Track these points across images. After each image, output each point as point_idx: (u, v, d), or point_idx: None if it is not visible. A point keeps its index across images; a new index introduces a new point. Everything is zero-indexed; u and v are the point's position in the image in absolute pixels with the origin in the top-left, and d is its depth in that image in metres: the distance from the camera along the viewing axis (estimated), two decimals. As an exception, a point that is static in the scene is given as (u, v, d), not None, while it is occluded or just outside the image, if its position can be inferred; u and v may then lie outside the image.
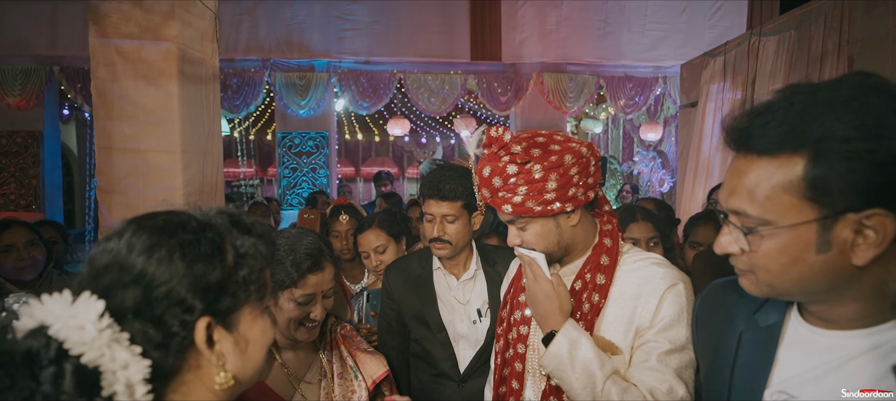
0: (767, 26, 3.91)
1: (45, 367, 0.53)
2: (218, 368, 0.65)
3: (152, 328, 0.60)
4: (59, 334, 0.54)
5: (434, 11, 6.34)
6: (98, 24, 2.53)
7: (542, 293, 1.13)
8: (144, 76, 2.57)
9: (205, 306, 0.63)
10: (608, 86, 6.68)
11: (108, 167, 2.60)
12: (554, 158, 1.10)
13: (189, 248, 0.63)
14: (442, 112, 6.66)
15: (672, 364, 1.07)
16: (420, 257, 1.86)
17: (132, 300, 0.60)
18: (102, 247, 0.63)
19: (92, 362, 0.54)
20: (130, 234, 0.63)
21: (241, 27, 6.06)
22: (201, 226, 0.66)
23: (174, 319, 0.61)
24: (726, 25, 6.35)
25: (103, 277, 0.61)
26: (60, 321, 0.54)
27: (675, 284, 1.12)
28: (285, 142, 6.65)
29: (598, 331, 1.15)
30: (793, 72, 3.55)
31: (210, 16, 2.92)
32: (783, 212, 0.70)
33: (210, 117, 2.96)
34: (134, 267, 0.61)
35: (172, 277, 0.61)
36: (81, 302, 0.56)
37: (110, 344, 0.56)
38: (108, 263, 0.62)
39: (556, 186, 1.11)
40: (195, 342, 0.63)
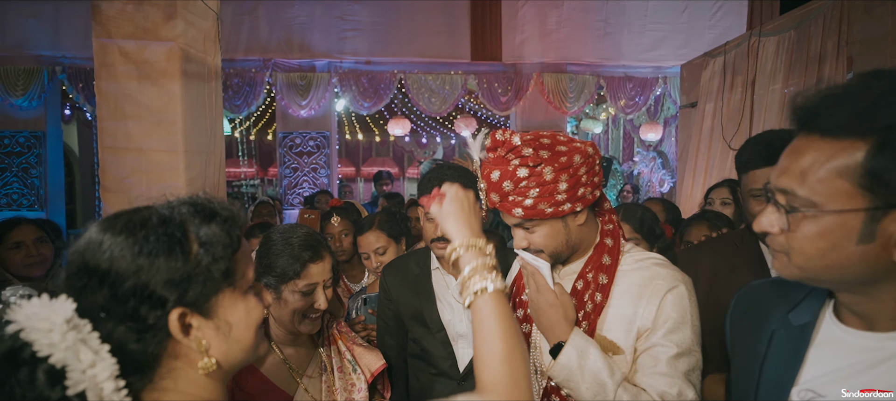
0: (767, 27, 3.92)
1: (19, 368, 0.56)
2: (200, 354, 0.67)
3: (125, 325, 0.63)
4: (29, 337, 0.57)
5: (435, 12, 6.35)
6: (101, 24, 2.55)
7: (547, 304, 1.13)
8: (147, 76, 2.59)
9: (176, 297, 0.65)
10: (608, 86, 6.69)
11: (112, 167, 2.61)
12: (564, 160, 1.10)
13: (150, 243, 0.64)
14: (442, 112, 6.68)
15: (681, 368, 1.08)
16: (418, 257, 1.87)
17: (102, 300, 0.62)
18: (72, 250, 0.66)
19: (59, 363, 0.56)
20: (94, 236, 0.65)
21: (242, 27, 6.07)
22: (162, 220, 0.67)
23: (147, 313, 0.63)
24: (726, 26, 6.36)
25: (76, 281, 0.64)
26: (31, 324, 0.57)
27: (676, 286, 1.12)
28: (286, 142, 6.67)
29: (600, 330, 1.15)
30: (792, 72, 3.57)
31: (212, 16, 2.94)
32: (832, 196, 0.68)
33: (212, 117, 2.98)
34: (99, 268, 0.63)
35: (137, 273, 0.63)
36: (56, 305, 0.58)
37: (75, 345, 0.58)
38: (78, 266, 0.64)
39: (567, 186, 1.10)
40: (171, 332, 0.65)
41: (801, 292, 0.86)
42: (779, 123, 3.59)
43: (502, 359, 0.79)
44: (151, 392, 0.66)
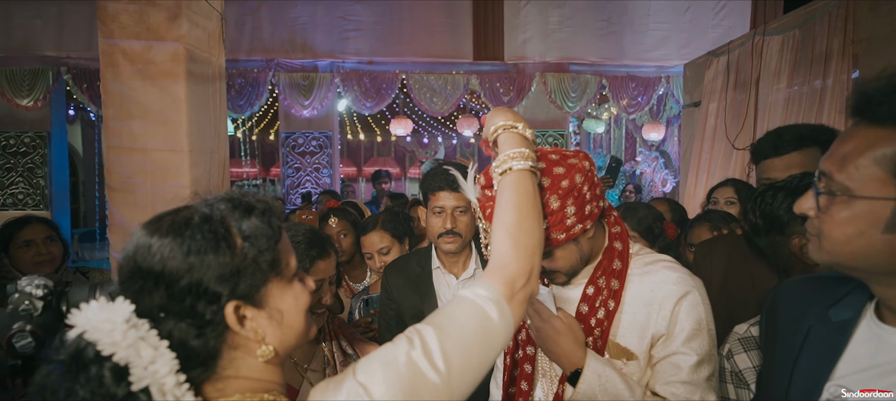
0: (771, 26, 3.91)
1: (87, 368, 0.59)
2: (257, 342, 0.70)
3: (185, 322, 0.65)
4: (93, 338, 0.60)
5: (437, 11, 6.35)
6: (107, 25, 2.56)
7: (555, 331, 1.11)
8: (152, 77, 2.60)
9: (229, 291, 0.67)
10: (611, 86, 6.68)
11: (118, 166, 2.63)
12: (566, 184, 1.05)
13: (197, 242, 0.66)
14: (444, 112, 6.68)
15: (703, 375, 1.08)
16: (419, 257, 1.87)
17: (159, 300, 0.65)
18: (123, 256, 0.68)
19: (122, 361, 0.60)
20: (142, 240, 0.67)
21: (246, 28, 6.09)
22: (204, 218, 0.69)
23: (204, 309, 0.66)
24: (729, 25, 6.34)
25: (132, 284, 0.66)
26: (93, 325, 0.60)
27: (689, 292, 1.11)
28: (289, 142, 6.68)
29: (613, 336, 1.14)
30: (797, 71, 3.56)
31: (216, 16, 2.95)
32: (866, 183, 0.69)
33: (216, 117, 2.99)
34: (153, 270, 0.65)
35: (188, 272, 0.65)
36: (112, 307, 0.61)
37: (136, 343, 0.61)
38: (131, 270, 0.66)
39: (575, 209, 1.06)
40: (229, 325, 0.68)
41: (843, 289, 0.86)
42: (783, 121, 3.58)
43: (509, 230, 0.84)
44: (216, 382, 0.69)
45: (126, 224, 2.63)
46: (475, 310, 0.75)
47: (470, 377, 0.71)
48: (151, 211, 2.31)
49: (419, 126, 10.40)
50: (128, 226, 2.63)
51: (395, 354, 0.69)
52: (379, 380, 0.66)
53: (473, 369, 0.72)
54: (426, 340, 0.70)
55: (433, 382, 0.67)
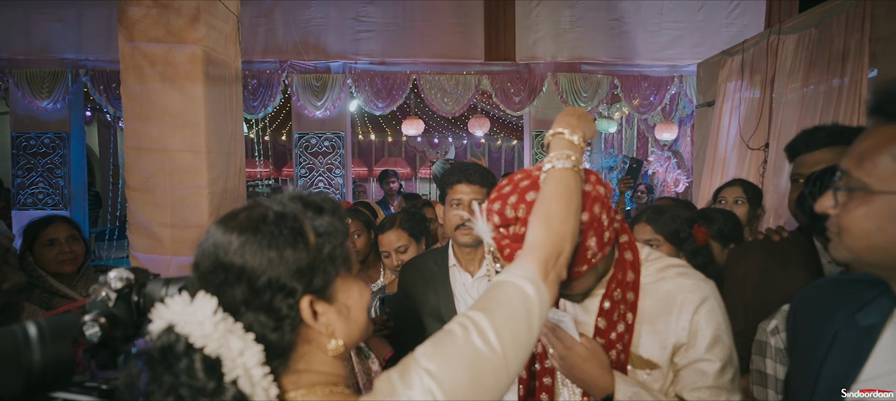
0: (787, 24, 3.87)
1: (179, 360, 0.61)
2: (328, 337, 0.73)
3: (264, 315, 0.68)
4: (184, 331, 0.62)
5: (448, 12, 6.37)
6: (127, 28, 2.61)
7: (581, 358, 1.10)
8: (171, 79, 2.65)
9: (303, 285, 0.70)
10: (623, 85, 6.64)
11: (137, 167, 2.68)
12: (586, 217, 1.02)
13: (275, 238, 0.69)
14: (455, 113, 6.69)
15: (727, 378, 1.11)
16: (436, 255, 1.88)
17: (241, 295, 0.67)
18: (202, 252, 0.71)
19: (214, 353, 0.62)
20: (220, 236, 0.70)
21: (259, 30, 6.16)
22: (279, 216, 0.72)
23: (281, 303, 0.68)
24: (743, 24, 6.28)
25: (212, 279, 0.68)
26: (183, 319, 0.62)
27: (706, 299, 1.13)
28: (302, 142, 6.74)
29: (635, 348, 1.15)
30: (813, 70, 3.52)
31: (233, 19, 3.00)
32: (883, 178, 0.70)
33: (233, 118, 3.03)
34: (234, 265, 0.68)
35: (269, 267, 0.68)
36: (198, 301, 0.64)
37: (226, 335, 0.63)
38: (211, 266, 0.69)
39: (596, 241, 1.05)
40: (304, 319, 0.71)
41: (871, 293, 0.86)
42: (799, 121, 3.54)
43: (544, 216, 0.88)
44: (289, 375, 0.72)
45: (146, 224, 2.68)
46: (515, 289, 0.78)
47: (521, 353, 0.75)
48: (170, 211, 2.37)
49: (430, 127, 10.42)
50: (148, 226, 2.68)
51: (454, 339, 0.72)
52: (445, 366, 0.69)
53: (522, 344, 0.76)
54: (479, 323, 0.73)
55: (492, 360, 0.71)
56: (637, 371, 1.15)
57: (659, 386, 1.15)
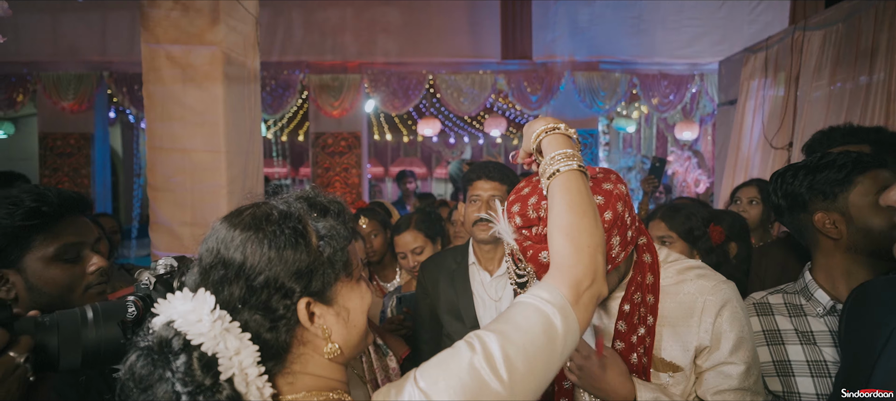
0: (812, 20, 3.77)
1: (177, 356, 0.60)
2: (324, 340, 0.71)
3: (260, 314, 0.67)
4: (181, 328, 0.61)
5: (464, 11, 6.36)
6: (150, 30, 2.66)
7: (599, 368, 1.10)
8: (192, 79, 2.69)
9: (302, 287, 0.69)
10: (642, 84, 6.55)
11: (159, 166, 2.73)
12: (609, 216, 1.01)
13: (276, 238, 0.68)
14: (472, 112, 6.68)
15: (751, 379, 1.11)
16: (455, 253, 1.89)
17: (238, 293, 0.67)
18: (205, 247, 0.70)
19: (210, 351, 0.61)
20: (223, 232, 0.69)
21: (278, 31, 6.23)
22: (283, 215, 0.71)
23: (278, 303, 0.67)
24: (767, 20, 6.14)
25: (211, 275, 0.68)
26: (182, 316, 0.62)
27: (728, 301, 1.12)
28: (319, 142, 6.80)
29: (658, 352, 1.14)
30: (839, 67, 3.41)
31: (251, 20, 3.03)
32: None
33: (251, 118, 3.07)
34: (234, 262, 0.67)
35: (267, 266, 0.67)
36: (197, 298, 0.63)
37: (223, 334, 0.62)
38: (211, 262, 0.68)
39: (620, 239, 1.05)
40: (300, 321, 0.69)
41: None
42: (825, 119, 3.44)
43: (566, 231, 0.81)
44: (284, 377, 0.70)
45: (167, 223, 2.73)
46: (538, 316, 0.72)
47: (533, 386, 0.68)
48: (191, 210, 2.41)
49: (446, 126, 10.42)
50: (169, 224, 2.73)
51: (458, 360, 0.67)
52: (441, 387, 0.65)
53: (538, 377, 0.69)
54: (488, 346, 0.67)
55: (495, 390, 0.65)
56: (660, 374, 1.14)
57: (681, 389, 1.13)
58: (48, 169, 6.48)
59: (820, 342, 1.20)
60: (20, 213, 1.01)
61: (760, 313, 1.30)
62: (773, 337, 1.26)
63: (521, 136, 8.96)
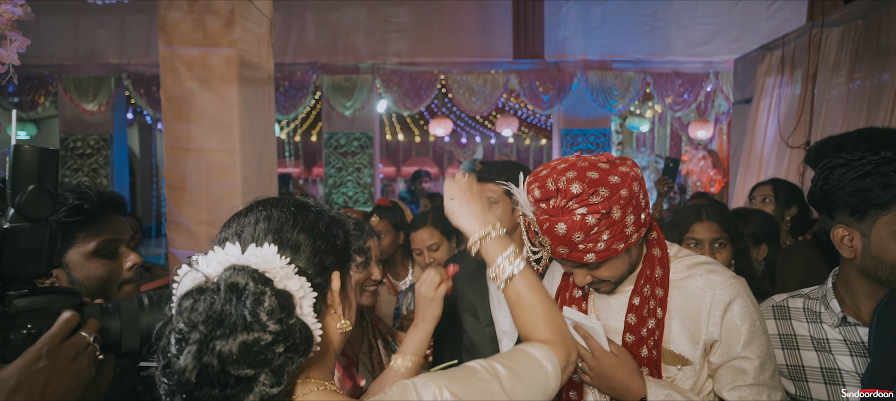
0: (831, 16, 3.70)
1: (250, 294, 0.65)
2: (339, 316, 0.80)
3: (305, 279, 0.74)
4: (259, 267, 0.68)
5: (476, 11, 6.37)
6: (167, 33, 2.71)
7: (610, 367, 1.11)
8: (208, 81, 2.73)
9: (334, 264, 0.79)
10: (655, 83, 6.49)
11: (175, 166, 2.78)
12: (625, 193, 1.04)
13: (320, 220, 0.80)
14: (484, 112, 6.68)
15: (767, 374, 1.10)
16: None
17: (289, 257, 0.74)
18: (256, 217, 0.77)
19: (283, 288, 0.68)
20: (277, 212, 0.78)
21: (291, 32, 6.30)
22: (318, 205, 0.83)
23: (318, 275, 0.77)
24: (784, 17, 6.04)
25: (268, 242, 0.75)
26: (258, 257, 0.70)
27: (737, 296, 1.12)
28: (331, 142, 6.86)
29: (667, 345, 1.15)
30: (859, 64, 3.35)
31: (266, 22, 3.07)
32: None
33: (265, 119, 3.11)
34: (289, 237, 0.76)
35: (313, 241, 0.77)
36: (266, 248, 0.72)
37: (290, 276, 0.71)
38: (267, 230, 0.76)
39: (635, 219, 1.07)
40: (331, 289, 0.78)
41: None
42: (844, 117, 3.38)
43: (547, 319, 0.93)
44: None
45: (184, 222, 2.78)
46: (538, 367, 0.86)
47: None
48: (206, 209, 2.47)
49: (458, 126, 10.43)
50: (186, 223, 2.78)
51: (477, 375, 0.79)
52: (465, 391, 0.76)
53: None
54: (500, 374, 0.81)
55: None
56: (669, 367, 1.15)
57: (691, 383, 1.13)
58: (68, 170, 6.63)
59: (835, 351, 1.17)
60: (64, 210, 1.06)
61: (778, 317, 1.29)
62: (788, 341, 1.25)
63: (533, 136, 8.94)
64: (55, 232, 0.81)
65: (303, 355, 0.67)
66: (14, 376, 0.72)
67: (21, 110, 6.44)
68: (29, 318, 0.77)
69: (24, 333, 0.76)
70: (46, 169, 0.78)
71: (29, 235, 0.78)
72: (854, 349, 1.15)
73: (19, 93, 6.37)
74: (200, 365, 0.61)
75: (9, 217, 0.77)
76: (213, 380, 0.61)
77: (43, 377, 0.73)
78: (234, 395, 0.63)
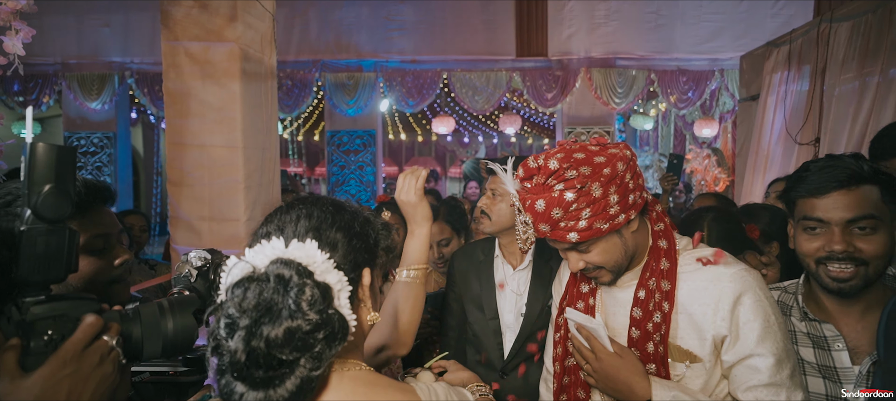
0: (840, 11, 3.66)
1: (294, 285, 0.69)
2: (368, 309, 0.84)
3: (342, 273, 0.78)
4: (302, 261, 0.72)
5: (479, 9, 6.34)
6: (170, 28, 2.69)
7: (613, 367, 1.09)
8: (210, 76, 2.71)
9: (365, 261, 0.83)
10: (660, 80, 6.45)
11: (178, 161, 2.76)
12: (607, 171, 1.05)
13: (355, 220, 0.84)
14: (487, 110, 6.66)
15: (785, 373, 1.04)
16: (484, 245, 1.91)
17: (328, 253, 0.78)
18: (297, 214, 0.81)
19: (324, 281, 0.72)
20: (317, 211, 0.82)
21: (294, 30, 6.29)
22: (351, 206, 0.87)
23: (352, 270, 0.80)
24: (790, 13, 5.99)
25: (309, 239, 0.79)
26: (301, 251, 0.73)
27: (748, 289, 1.07)
28: (334, 140, 6.85)
29: (674, 339, 1.11)
30: (869, 59, 3.31)
31: (269, 18, 3.05)
32: None
33: (268, 114, 3.09)
34: (328, 235, 0.80)
35: (349, 239, 0.81)
36: (307, 244, 0.75)
37: (330, 270, 0.74)
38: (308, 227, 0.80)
39: (618, 198, 1.06)
40: (362, 284, 0.82)
41: None
42: (854, 114, 3.34)
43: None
44: None
45: (186, 217, 2.76)
46: None
47: None
48: (209, 205, 2.47)
49: (460, 125, 10.41)
50: (188, 219, 2.76)
51: None
52: None
53: None
54: None
55: None
56: (677, 364, 1.11)
57: (701, 383, 1.09)
58: (72, 168, 6.65)
59: (800, 343, 1.20)
60: None
61: None
62: None
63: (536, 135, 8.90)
64: (74, 234, 0.78)
65: (340, 343, 0.70)
66: (38, 384, 0.69)
67: (26, 108, 6.46)
68: (48, 324, 0.74)
69: (44, 339, 0.73)
70: (64, 167, 0.74)
71: (47, 238, 0.74)
72: (816, 342, 1.17)
73: (24, 91, 6.38)
74: (249, 348, 0.65)
75: (25, 219, 0.73)
76: (261, 362, 0.66)
77: (68, 385, 0.71)
78: (278, 376, 0.67)
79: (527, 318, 1.71)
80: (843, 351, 1.12)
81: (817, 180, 1.11)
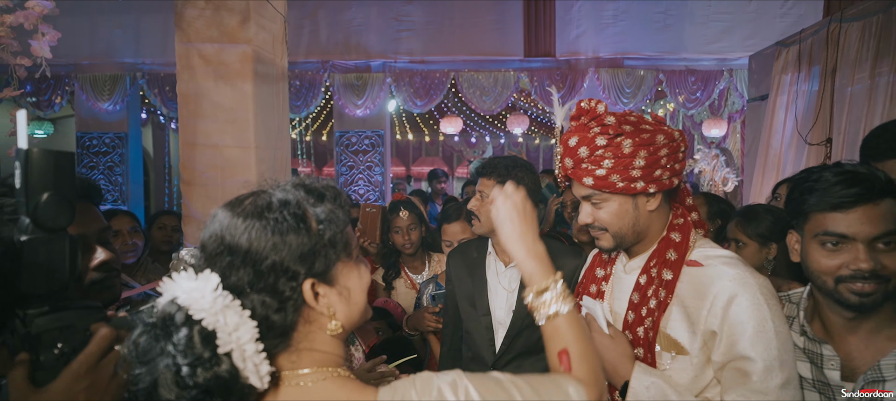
0: (850, 11, 3.64)
1: (178, 330, 0.63)
2: (329, 317, 0.76)
3: (268, 296, 0.70)
4: (184, 302, 0.65)
5: (487, 9, 6.35)
6: (183, 30, 2.73)
7: (603, 347, 1.13)
8: (223, 77, 2.75)
9: (306, 269, 0.73)
10: (668, 80, 6.43)
11: (191, 162, 2.80)
12: (646, 135, 1.08)
13: (279, 224, 0.71)
14: (494, 110, 6.66)
15: (773, 383, 0.99)
16: (478, 243, 1.95)
17: (247, 277, 0.70)
18: (209, 234, 0.73)
19: (210, 326, 0.64)
20: (227, 220, 0.73)
21: (303, 31, 6.33)
22: (283, 203, 0.74)
23: (285, 285, 0.71)
24: (800, 13, 5.95)
25: (219, 261, 0.71)
26: (186, 293, 0.65)
27: (747, 290, 1.04)
28: (343, 140, 6.88)
29: (664, 328, 1.12)
30: (881, 59, 3.29)
31: (280, 19, 3.09)
32: None
33: (279, 115, 3.13)
34: (241, 247, 0.70)
35: (273, 251, 0.70)
36: (202, 277, 0.67)
37: (223, 310, 0.65)
38: (217, 249, 0.71)
39: (644, 163, 1.08)
40: (306, 301, 0.73)
41: None
42: (865, 114, 3.32)
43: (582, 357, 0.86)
44: (291, 354, 0.75)
45: (199, 217, 2.80)
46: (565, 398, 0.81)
47: None
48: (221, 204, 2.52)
49: (468, 125, 10.41)
50: (201, 218, 2.80)
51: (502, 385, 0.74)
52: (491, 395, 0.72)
53: None
54: (523, 390, 0.76)
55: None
56: (663, 353, 1.11)
57: (687, 378, 1.07)
58: (85, 168, 6.73)
59: (797, 358, 1.14)
60: None
61: None
62: None
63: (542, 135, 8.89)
64: (76, 242, 0.75)
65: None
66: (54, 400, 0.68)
67: (38, 109, 6.55)
68: (56, 336, 0.72)
69: (55, 353, 0.71)
70: (62, 174, 0.71)
71: (49, 247, 0.71)
72: (812, 359, 1.11)
73: (36, 92, 6.47)
74: None
75: (24, 228, 0.70)
76: None
77: (84, 398, 0.70)
78: None
79: (517, 314, 1.73)
80: (835, 371, 1.07)
81: (841, 194, 1.02)
